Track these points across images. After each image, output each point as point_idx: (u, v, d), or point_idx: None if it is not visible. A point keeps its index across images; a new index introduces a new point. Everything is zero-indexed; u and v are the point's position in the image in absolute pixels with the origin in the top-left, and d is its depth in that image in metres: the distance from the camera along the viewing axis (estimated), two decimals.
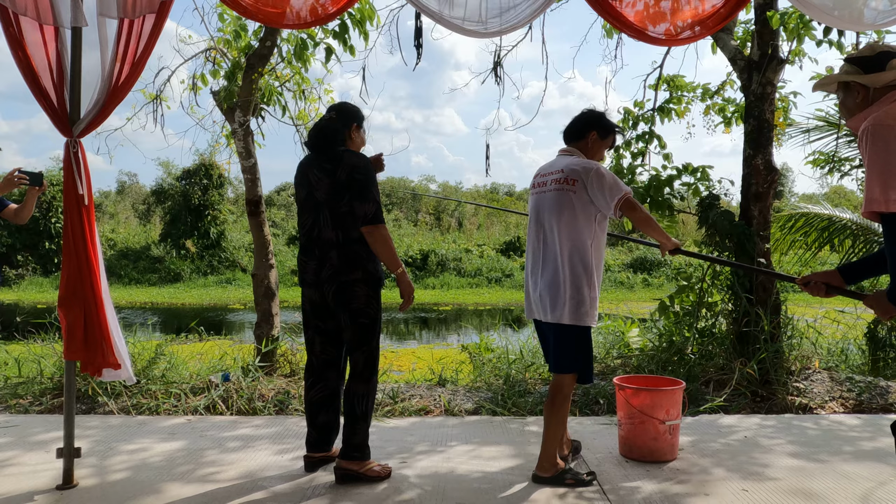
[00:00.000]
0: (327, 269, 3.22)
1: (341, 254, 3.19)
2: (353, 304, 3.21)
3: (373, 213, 3.17)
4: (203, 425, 4.23)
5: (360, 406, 3.24)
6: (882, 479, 3.27)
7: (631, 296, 19.29)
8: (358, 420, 3.24)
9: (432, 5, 3.61)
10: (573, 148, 3.42)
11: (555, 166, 3.35)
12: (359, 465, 3.23)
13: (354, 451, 3.23)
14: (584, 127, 3.41)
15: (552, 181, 3.29)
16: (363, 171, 3.20)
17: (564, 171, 3.25)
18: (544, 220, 3.28)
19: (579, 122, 3.43)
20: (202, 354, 5.78)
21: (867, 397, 4.80)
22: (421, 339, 11.95)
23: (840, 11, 3.44)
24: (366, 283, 3.21)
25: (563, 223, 3.19)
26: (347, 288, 3.20)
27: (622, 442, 3.64)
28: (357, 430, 3.24)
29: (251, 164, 5.59)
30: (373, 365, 3.30)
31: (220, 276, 22.18)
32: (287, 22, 3.68)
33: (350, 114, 3.37)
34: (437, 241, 25.67)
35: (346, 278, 3.19)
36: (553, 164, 3.39)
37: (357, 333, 3.25)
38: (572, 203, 3.18)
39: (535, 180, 3.43)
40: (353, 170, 3.18)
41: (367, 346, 3.27)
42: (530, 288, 3.35)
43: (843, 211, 7.04)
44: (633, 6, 3.75)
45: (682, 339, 5.39)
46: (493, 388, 5.10)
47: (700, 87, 6.83)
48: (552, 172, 3.33)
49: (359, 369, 3.27)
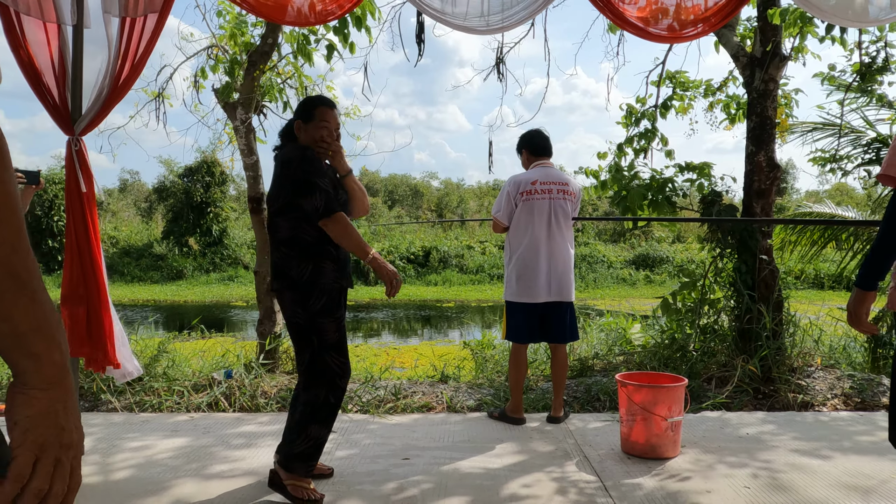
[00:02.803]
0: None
1: (272, 259, 3.04)
2: (284, 311, 3.01)
3: (322, 204, 2.86)
4: (206, 422, 4.24)
5: (294, 413, 3.00)
6: (884, 477, 3.27)
7: (633, 292, 19.30)
8: (291, 427, 2.99)
9: (434, 3, 3.60)
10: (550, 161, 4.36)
11: (557, 177, 4.24)
12: (284, 474, 2.96)
13: (282, 458, 2.98)
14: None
15: (558, 191, 4.18)
16: (296, 163, 2.89)
17: (570, 185, 4.25)
18: (555, 221, 4.15)
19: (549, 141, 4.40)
20: (205, 352, 5.80)
21: (869, 394, 4.80)
22: (423, 335, 11.96)
23: (842, 8, 3.44)
24: (290, 289, 2.94)
25: (567, 225, 4.21)
26: (279, 295, 3.03)
27: (624, 438, 3.65)
28: (288, 439, 2.98)
29: (253, 162, 5.60)
30: (313, 375, 2.94)
31: (222, 274, 22.22)
32: (288, 19, 3.69)
33: (297, 109, 3.13)
34: (440, 237, 25.69)
35: (275, 286, 3.02)
36: (554, 175, 4.24)
37: (293, 341, 3.03)
38: (568, 210, 4.21)
39: (539, 186, 4.17)
40: (284, 164, 2.92)
41: (301, 355, 2.99)
42: (542, 275, 4.12)
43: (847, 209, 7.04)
44: (635, 3, 3.75)
45: (685, 335, 5.39)
46: (496, 384, 5.11)
47: (703, 83, 6.82)
48: (557, 183, 4.21)
49: (301, 377, 3.02)
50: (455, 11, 3.67)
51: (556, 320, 4.25)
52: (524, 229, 4.17)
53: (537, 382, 5.19)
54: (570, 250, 4.23)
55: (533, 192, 4.16)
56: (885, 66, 5.58)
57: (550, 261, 4.15)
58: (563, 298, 4.19)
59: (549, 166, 4.32)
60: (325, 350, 2.93)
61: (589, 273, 21.68)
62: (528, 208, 4.15)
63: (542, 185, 4.18)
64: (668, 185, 5.72)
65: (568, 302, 4.23)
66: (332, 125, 3.07)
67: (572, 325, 4.30)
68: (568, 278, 4.20)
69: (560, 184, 4.21)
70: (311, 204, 2.85)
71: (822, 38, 5.14)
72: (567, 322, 4.26)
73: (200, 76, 5.91)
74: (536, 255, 4.14)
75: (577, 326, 4.41)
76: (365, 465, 3.45)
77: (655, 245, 25.09)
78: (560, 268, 4.16)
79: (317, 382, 2.93)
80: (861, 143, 6.38)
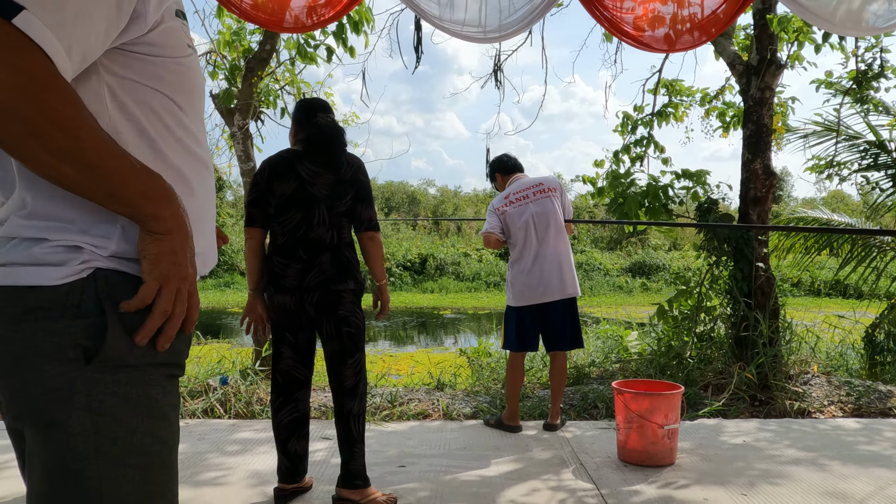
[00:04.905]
0: (315, 275, 2.90)
1: (334, 258, 2.92)
2: (339, 310, 2.92)
3: (375, 218, 3.04)
4: (202, 429, 4.22)
5: (356, 427, 2.95)
6: (881, 484, 3.26)
7: (629, 300, 19.29)
8: (356, 442, 2.95)
9: (432, 10, 3.61)
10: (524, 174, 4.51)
11: (529, 182, 4.35)
12: (361, 494, 2.93)
13: (356, 479, 2.93)
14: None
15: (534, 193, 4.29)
16: (366, 174, 3.05)
17: (544, 183, 4.34)
18: (540, 221, 4.21)
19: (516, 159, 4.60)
20: (200, 358, 5.78)
21: (866, 401, 4.80)
22: (419, 343, 11.94)
23: (839, 17, 3.45)
24: (354, 292, 2.97)
25: (556, 222, 4.24)
26: (334, 295, 2.92)
27: (621, 446, 3.64)
28: (356, 455, 2.94)
29: (250, 168, 5.59)
30: (364, 379, 3.01)
31: (218, 280, 22.16)
32: (286, 25, 3.69)
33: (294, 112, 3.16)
34: (436, 244, 25.68)
35: (336, 287, 2.92)
36: (525, 182, 4.36)
37: (343, 344, 2.94)
38: (552, 207, 4.25)
39: (513, 196, 4.29)
40: (359, 170, 3.01)
41: (353, 359, 2.96)
42: (536, 276, 4.14)
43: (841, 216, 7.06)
44: (631, 12, 3.76)
45: (681, 343, 5.39)
46: (492, 392, 5.10)
47: (699, 91, 6.85)
48: (531, 187, 4.32)
49: (350, 384, 2.95)
50: (453, 19, 3.68)
51: (557, 324, 4.21)
52: (514, 237, 4.29)
53: (534, 390, 5.18)
54: (565, 245, 4.23)
55: (509, 204, 4.29)
56: (881, 73, 5.61)
57: (544, 260, 4.16)
58: (564, 295, 4.15)
59: (521, 177, 4.43)
60: (364, 353, 3.07)
61: (585, 280, 21.66)
62: (512, 218, 4.26)
63: (516, 195, 4.30)
64: (664, 192, 5.73)
65: (570, 299, 4.21)
66: None
67: (574, 331, 4.24)
68: (566, 272, 4.17)
69: (534, 186, 4.30)
70: (367, 213, 3.00)
71: (819, 46, 5.17)
72: (568, 327, 4.22)
73: None
74: (529, 258, 4.19)
75: (581, 332, 4.33)
76: None
77: (652, 253, 25.12)
78: (554, 264, 4.15)
79: (365, 387, 3.04)
80: (858, 148, 6.40)
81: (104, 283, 1.02)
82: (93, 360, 1.01)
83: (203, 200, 1.20)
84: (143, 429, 1.05)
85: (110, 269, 1.03)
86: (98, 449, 1.01)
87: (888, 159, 6.26)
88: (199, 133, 1.20)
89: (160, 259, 1.03)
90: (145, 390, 1.06)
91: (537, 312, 4.21)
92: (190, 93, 1.15)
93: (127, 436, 1.03)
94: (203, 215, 1.21)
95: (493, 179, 4.60)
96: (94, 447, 1.01)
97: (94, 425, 1.01)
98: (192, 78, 1.15)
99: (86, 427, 1.01)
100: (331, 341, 2.95)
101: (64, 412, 1.00)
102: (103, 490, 1.01)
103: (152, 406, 1.07)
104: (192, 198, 1.15)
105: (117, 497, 1.02)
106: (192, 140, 1.17)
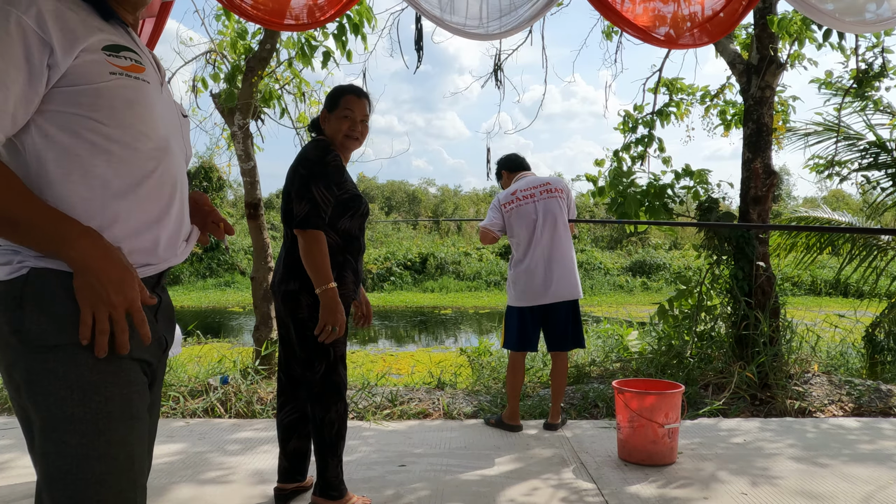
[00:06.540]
0: (276, 274, 2.87)
1: (285, 259, 2.83)
2: (298, 314, 2.77)
3: (304, 214, 2.67)
4: (202, 428, 4.22)
5: (323, 435, 2.79)
6: (882, 483, 3.26)
7: (630, 299, 19.28)
8: (325, 453, 2.80)
9: (433, 8, 3.61)
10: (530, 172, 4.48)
11: (537, 181, 4.31)
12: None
13: (328, 489, 2.81)
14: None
15: (542, 192, 4.25)
16: (307, 165, 2.74)
17: (551, 183, 4.30)
18: (545, 221, 4.18)
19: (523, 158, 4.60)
20: (201, 357, 5.78)
21: (866, 400, 4.80)
22: (420, 342, 11.94)
23: (841, 13, 3.44)
24: (309, 292, 2.74)
25: (561, 223, 4.21)
26: (291, 298, 2.78)
27: (621, 445, 3.64)
28: (327, 465, 2.80)
29: (250, 167, 5.59)
30: (332, 387, 2.79)
31: (219, 279, 22.16)
32: (287, 24, 3.68)
33: (326, 98, 2.98)
34: (437, 244, 25.66)
35: (286, 287, 2.79)
36: (533, 180, 4.32)
37: (303, 349, 2.80)
38: (558, 207, 4.22)
39: (520, 193, 4.26)
40: (299, 161, 2.77)
41: (315, 365, 2.78)
42: (539, 277, 4.11)
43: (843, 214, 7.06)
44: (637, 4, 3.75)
45: (682, 342, 5.39)
46: (493, 391, 5.10)
47: (699, 90, 6.84)
48: (538, 185, 4.28)
49: (315, 391, 2.80)
50: (454, 17, 3.67)
51: (559, 325, 4.20)
52: (518, 236, 4.25)
53: (534, 389, 5.18)
54: (569, 247, 4.21)
55: (515, 200, 4.26)
56: (882, 72, 5.60)
57: (547, 261, 4.14)
58: (566, 297, 4.13)
59: (528, 175, 4.41)
60: (339, 361, 2.82)
61: (586, 280, 21.64)
62: (517, 216, 4.23)
63: (524, 192, 4.26)
64: (664, 191, 5.73)
65: (572, 301, 4.19)
66: (357, 115, 2.86)
67: (576, 331, 4.24)
68: (569, 274, 4.14)
69: (541, 185, 4.27)
70: (297, 208, 2.68)
71: (820, 45, 5.16)
72: (570, 328, 4.21)
73: (201, 84, 5.91)
74: (532, 258, 4.16)
75: (583, 332, 4.33)
76: (361, 471, 3.43)
77: (652, 252, 25.10)
78: (559, 266, 4.13)
79: (333, 397, 2.79)
80: (858, 147, 6.40)
81: (35, 277, 1.24)
82: (26, 343, 1.23)
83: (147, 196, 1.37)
84: (73, 400, 1.23)
85: (42, 266, 1.24)
86: (42, 419, 1.24)
87: (888, 158, 6.26)
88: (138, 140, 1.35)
89: (81, 290, 1.23)
90: (72, 367, 1.24)
91: (539, 313, 4.21)
92: (112, 108, 1.30)
93: (58, 406, 1.23)
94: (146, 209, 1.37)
95: (499, 177, 4.59)
96: (40, 419, 1.24)
97: (33, 401, 1.24)
98: (113, 97, 1.30)
99: (30, 402, 1.25)
100: (295, 346, 2.86)
101: (17, 391, 1.27)
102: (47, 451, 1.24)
103: (83, 381, 1.24)
104: (122, 199, 1.32)
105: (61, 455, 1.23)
106: (123, 148, 1.32)
